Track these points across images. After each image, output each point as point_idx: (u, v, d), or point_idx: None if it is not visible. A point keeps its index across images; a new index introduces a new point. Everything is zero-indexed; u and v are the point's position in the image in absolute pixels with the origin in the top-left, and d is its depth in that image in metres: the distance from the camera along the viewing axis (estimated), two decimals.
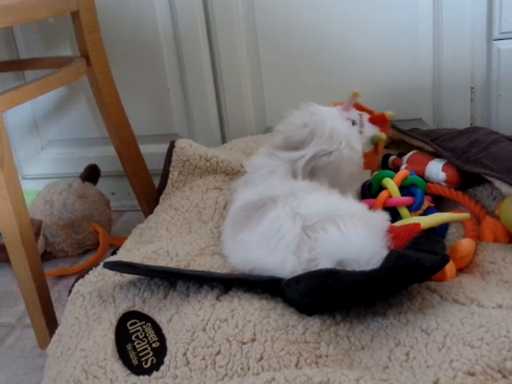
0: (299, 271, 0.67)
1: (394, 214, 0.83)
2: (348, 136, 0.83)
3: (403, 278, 0.63)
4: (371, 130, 0.95)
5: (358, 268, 0.63)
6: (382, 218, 0.73)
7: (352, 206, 0.73)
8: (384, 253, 0.63)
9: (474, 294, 0.65)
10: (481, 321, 0.57)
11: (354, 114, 0.96)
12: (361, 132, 0.94)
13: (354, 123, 0.93)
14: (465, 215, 0.77)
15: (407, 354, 0.57)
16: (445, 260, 0.65)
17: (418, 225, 0.70)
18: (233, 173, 1.02)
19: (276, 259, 0.69)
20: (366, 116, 0.97)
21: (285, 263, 0.68)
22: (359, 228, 0.66)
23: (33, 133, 1.43)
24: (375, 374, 0.54)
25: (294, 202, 0.71)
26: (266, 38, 1.21)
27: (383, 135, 0.94)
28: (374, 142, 0.94)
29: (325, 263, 0.66)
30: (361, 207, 0.74)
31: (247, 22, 1.21)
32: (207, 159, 1.03)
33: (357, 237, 0.65)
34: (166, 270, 0.74)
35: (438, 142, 0.96)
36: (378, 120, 0.97)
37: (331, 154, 0.81)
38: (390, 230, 0.70)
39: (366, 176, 0.93)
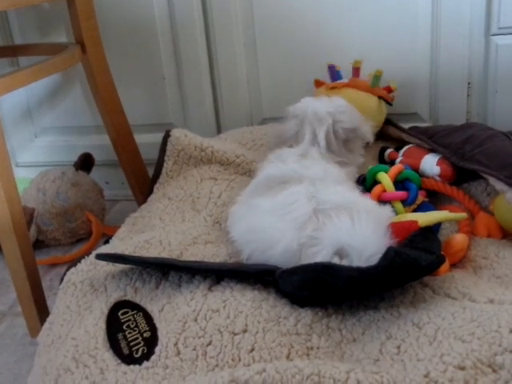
0: (294, 247, 0.68)
1: None
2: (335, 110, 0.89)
3: (399, 277, 0.63)
4: None
5: (357, 261, 0.63)
6: (389, 213, 0.73)
7: (369, 203, 0.75)
8: None
9: (466, 289, 0.65)
10: (472, 315, 0.58)
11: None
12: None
13: None
14: (462, 215, 0.77)
15: (398, 348, 0.58)
16: (441, 260, 0.65)
17: (416, 222, 0.70)
18: (228, 163, 1.01)
19: (277, 229, 0.70)
20: None
21: (284, 235, 0.69)
22: (371, 223, 0.66)
23: (26, 120, 1.42)
24: (366, 367, 0.54)
25: (319, 186, 0.74)
26: (263, 27, 1.20)
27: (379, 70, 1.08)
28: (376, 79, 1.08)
29: (325, 247, 0.66)
30: (375, 205, 0.75)
31: (244, 11, 1.20)
32: (202, 149, 1.02)
33: (367, 229, 0.66)
34: (158, 262, 0.74)
35: (435, 139, 0.96)
36: (385, 89, 1.10)
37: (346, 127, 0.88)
38: (389, 227, 0.70)
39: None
